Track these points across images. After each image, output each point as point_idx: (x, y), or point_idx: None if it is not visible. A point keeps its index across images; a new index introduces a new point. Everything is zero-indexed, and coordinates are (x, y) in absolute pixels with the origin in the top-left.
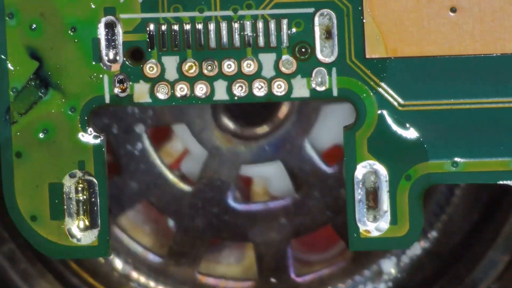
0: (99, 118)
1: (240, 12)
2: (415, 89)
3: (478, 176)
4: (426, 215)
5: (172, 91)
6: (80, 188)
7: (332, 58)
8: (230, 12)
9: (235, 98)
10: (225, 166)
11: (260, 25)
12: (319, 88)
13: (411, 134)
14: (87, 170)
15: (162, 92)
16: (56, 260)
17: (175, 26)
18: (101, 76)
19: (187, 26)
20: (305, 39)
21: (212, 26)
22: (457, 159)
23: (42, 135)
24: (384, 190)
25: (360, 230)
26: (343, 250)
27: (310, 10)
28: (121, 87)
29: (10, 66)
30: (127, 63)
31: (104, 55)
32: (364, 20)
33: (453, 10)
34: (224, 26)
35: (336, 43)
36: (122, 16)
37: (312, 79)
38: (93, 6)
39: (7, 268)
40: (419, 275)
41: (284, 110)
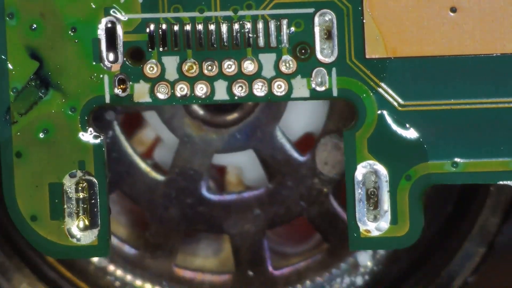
0: None
1: (240, 13)
2: (415, 89)
3: (478, 176)
4: None
5: (172, 91)
6: (80, 188)
7: (332, 58)
8: (230, 13)
9: (235, 98)
10: (197, 155)
11: (260, 25)
12: (319, 88)
13: (411, 134)
14: (87, 170)
15: (162, 92)
16: (33, 254)
17: (175, 26)
18: (101, 76)
19: (187, 26)
20: (305, 39)
21: (212, 26)
22: (457, 160)
23: (42, 135)
24: (384, 190)
25: (361, 230)
26: (319, 243)
27: (310, 10)
28: (121, 87)
29: (10, 66)
30: (127, 63)
31: (104, 55)
32: (364, 20)
33: (453, 10)
34: (224, 26)
35: (336, 43)
36: (122, 16)
37: (312, 79)
38: (93, 6)
39: None
40: (395, 268)
41: None
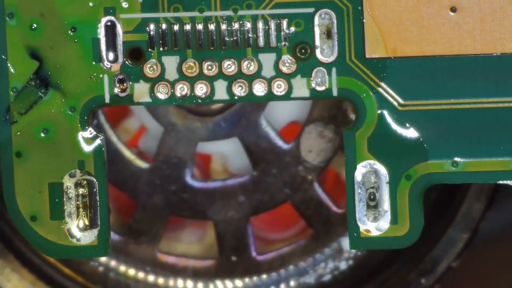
0: None
1: (240, 12)
2: (415, 89)
3: (478, 176)
4: None
5: (172, 91)
6: (80, 188)
7: (332, 58)
8: (230, 12)
9: (235, 98)
10: (181, 143)
11: (260, 25)
12: (319, 88)
13: (411, 134)
14: (87, 170)
15: (162, 92)
16: (17, 239)
17: (175, 26)
18: (101, 76)
19: (187, 26)
20: (305, 39)
21: (212, 26)
22: (457, 159)
23: (42, 135)
24: (385, 190)
25: (361, 230)
26: (303, 228)
27: (310, 10)
28: (121, 87)
29: (10, 66)
30: (127, 63)
31: (104, 55)
32: (364, 20)
33: (453, 10)
34: (224, 26)
35: (336, 43)
36: (122, 16)
37: (312, 79)
38: (91, 5)
39: None
40: (380, 253)
41: None
